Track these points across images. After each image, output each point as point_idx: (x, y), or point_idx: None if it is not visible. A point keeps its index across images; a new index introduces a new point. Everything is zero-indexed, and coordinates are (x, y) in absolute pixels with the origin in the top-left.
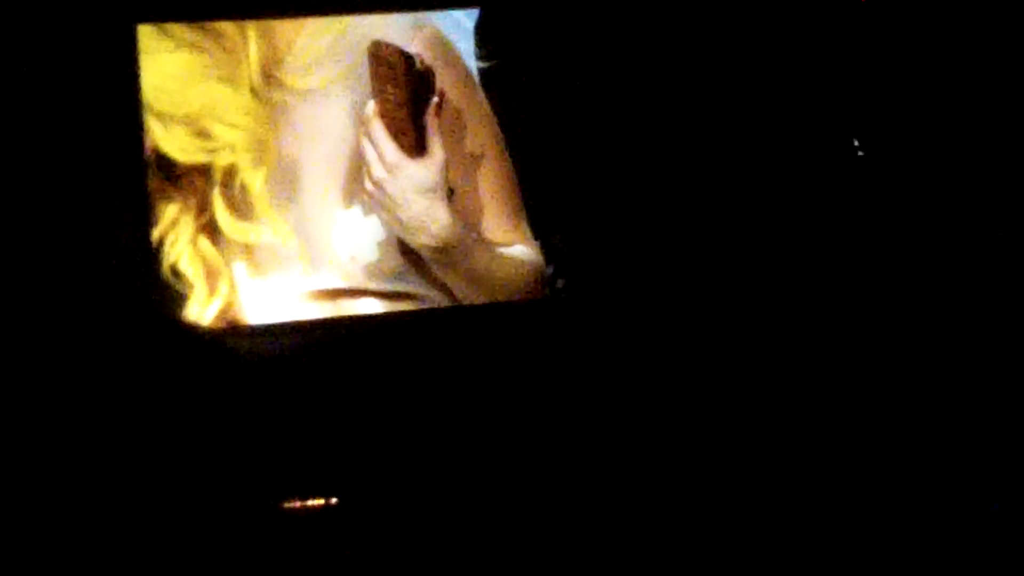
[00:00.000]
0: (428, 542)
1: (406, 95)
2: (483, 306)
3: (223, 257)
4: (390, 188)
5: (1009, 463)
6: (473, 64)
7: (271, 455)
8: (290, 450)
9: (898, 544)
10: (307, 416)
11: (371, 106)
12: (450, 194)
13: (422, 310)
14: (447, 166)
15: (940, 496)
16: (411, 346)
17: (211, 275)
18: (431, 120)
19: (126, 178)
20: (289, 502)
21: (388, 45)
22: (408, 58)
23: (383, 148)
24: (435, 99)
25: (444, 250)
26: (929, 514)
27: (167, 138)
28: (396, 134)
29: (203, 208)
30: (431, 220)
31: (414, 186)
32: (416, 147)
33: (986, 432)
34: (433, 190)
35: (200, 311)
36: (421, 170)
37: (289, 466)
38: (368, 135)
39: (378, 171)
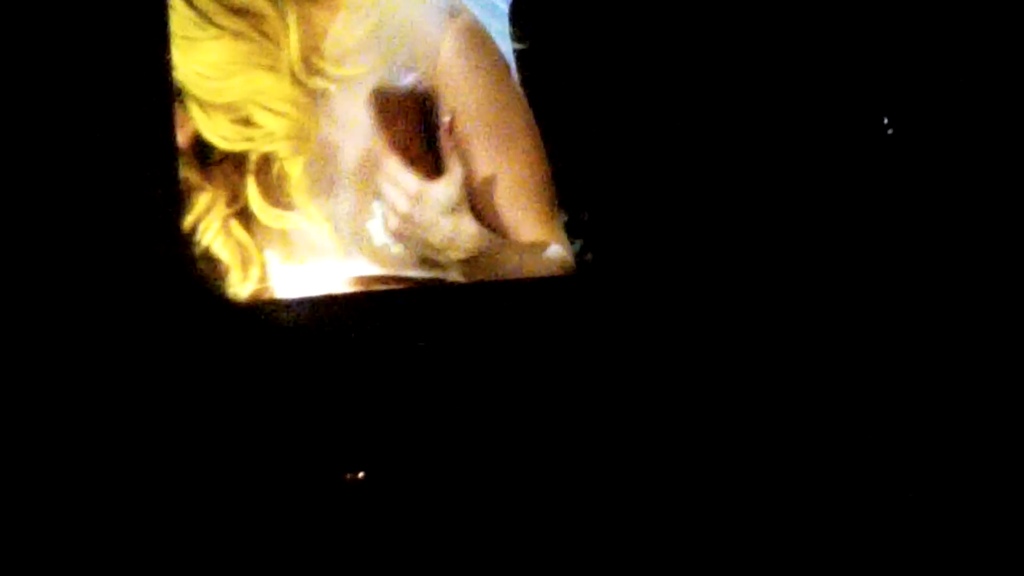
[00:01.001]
0: (456, 518)
1: (416, 124)
2: (510, 282)
3: (256, 244)
4: (419, 217)
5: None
6: (509, 48)
7: (300, 429)
8: (320, 425)
9: (898, 544)
10: (337, 390)
11: (378, 147)
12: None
13: (448, 284)
14: (467, 178)
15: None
16: (437, 321)
17: (244, 261)
18: (444, 139)
19: (159, 166)
20: (324, 475)
21: (386, 91)
22: (411, 92)
23: (404, 181)
24: (447, 119)
25: (473, 261)
26: (930, 514)
27: (209, 125)
28: (413, 162)
29: (235, 196)
30: (460, 236)
31: (440, 207)
32: (435, 170)
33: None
34: (458, 206)
35: (233, 295)
36: (444, 190)
37: (319, 440)
38: (385, 175)
39: (403, 205)
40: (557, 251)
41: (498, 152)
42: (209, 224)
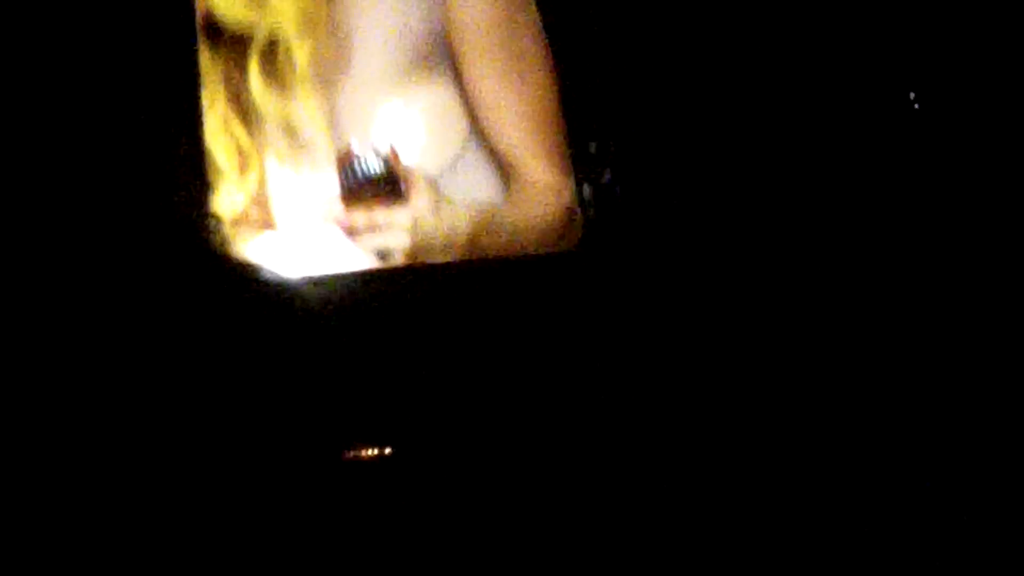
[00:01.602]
0: (475, 496)
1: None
2: (514, 259)
3: (254, 143)
4: (401, 239)
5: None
6: None
7: (321, 404)
8: (338, 400)
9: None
10: (353, 366)
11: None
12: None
13: (457, 263)
14: (474, 102)
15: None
16: (443, 298)
17: (242, 163)
18: (396, 166)
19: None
20: (343, 451)
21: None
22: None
23: (373, 218)
24: (389, 147)
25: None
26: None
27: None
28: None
29: (237, 94)
30: (456, 224)
31: (418, 217)
32: (399, 196)
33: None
34: (434, 209)
35: (228, 202)
36: (416, 204)
37: (339, 416)
38: (351, 227)
39: (389, 240)
40: (562, 195)
41: (508, 76)
42: (210, 118)
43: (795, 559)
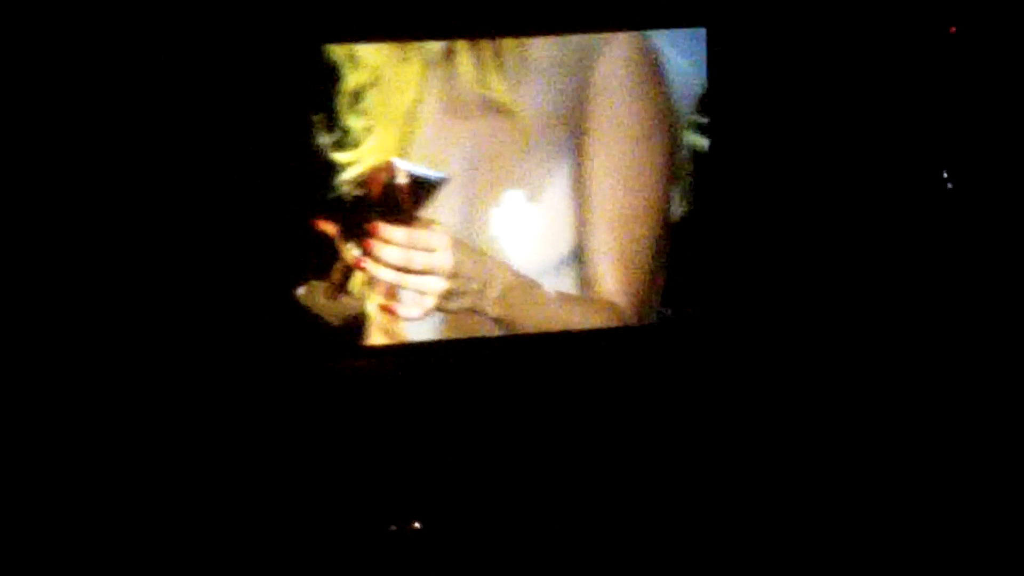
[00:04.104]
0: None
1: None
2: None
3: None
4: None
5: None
6: (681, 83)
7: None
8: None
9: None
10: (426, 436)
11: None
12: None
13: (539, 335)
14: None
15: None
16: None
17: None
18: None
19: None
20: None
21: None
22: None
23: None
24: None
25: (508, 296)
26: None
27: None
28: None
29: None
30: (493, 276)
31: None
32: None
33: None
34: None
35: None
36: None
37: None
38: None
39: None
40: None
41: (625, 176)
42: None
43: None
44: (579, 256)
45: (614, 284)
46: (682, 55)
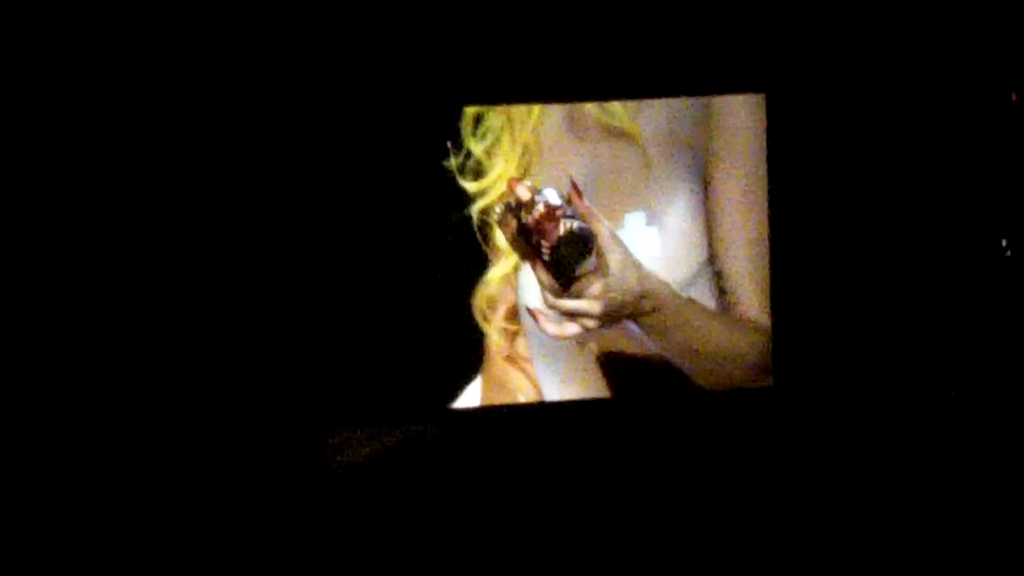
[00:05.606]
0: None
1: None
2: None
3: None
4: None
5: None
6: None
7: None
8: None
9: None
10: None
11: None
12: None
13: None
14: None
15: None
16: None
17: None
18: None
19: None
20: None
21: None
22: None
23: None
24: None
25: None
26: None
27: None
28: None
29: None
30: (648, 287)
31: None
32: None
33: None
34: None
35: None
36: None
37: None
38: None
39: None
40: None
41: (750, 203)
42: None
43: None
44: (717, 280)
45: (759, 306)
46: None
